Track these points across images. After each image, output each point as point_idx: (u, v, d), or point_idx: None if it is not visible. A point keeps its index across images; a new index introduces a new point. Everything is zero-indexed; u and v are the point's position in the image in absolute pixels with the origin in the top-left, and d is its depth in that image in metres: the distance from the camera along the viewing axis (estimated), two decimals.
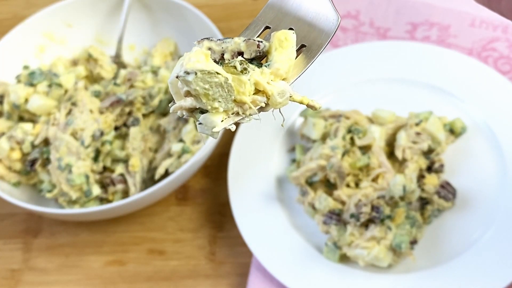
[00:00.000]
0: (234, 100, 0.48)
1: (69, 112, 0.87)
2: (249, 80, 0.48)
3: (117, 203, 0.80)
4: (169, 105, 0.49)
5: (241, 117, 0.50)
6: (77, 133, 0.86)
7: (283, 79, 0.50)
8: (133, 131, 0.88)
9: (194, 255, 0.87)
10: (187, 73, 0.47)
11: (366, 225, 0.80)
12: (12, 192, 0.87)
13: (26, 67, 0.95)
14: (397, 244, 0.78)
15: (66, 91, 0.90)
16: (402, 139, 0.84)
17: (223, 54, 0.49)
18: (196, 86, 0.47)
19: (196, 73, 0.46)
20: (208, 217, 0.90)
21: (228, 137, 0.92)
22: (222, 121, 0.48)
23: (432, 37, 0.97)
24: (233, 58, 0.49)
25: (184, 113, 0.49)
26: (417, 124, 0.85)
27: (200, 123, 0.48)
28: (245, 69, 0.48)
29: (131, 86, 0.90)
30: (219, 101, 0.48)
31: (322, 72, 0.93)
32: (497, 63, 0.94)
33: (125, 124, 0.89)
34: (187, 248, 0.88)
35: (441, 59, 0.93)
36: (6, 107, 0.91)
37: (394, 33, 0.99)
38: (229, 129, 0.49)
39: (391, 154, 0.86)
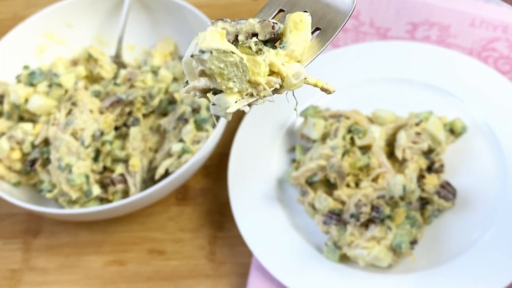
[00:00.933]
0: (249, 81, 0.48)
1: (69, 112, 0.87)
2: (264, 61, 0.48)
3: (117, 203, 0.80)
4: (182, 85, 0.49)
5: (255, 98, 0.49)
6: (77, 133, 0.86)
7: (297, 62, 0.50)
8: (133, 131, 0.88)
9: (194, 255, 0.87)
10: (202, 52, 0.46)
11: (366, 225, 0.80)
12: (12, 192, 0.87)
13: (26, 67, 0.95)
14: (397, 244, 0.78)
15: (66, 91, 0.90)
16: (402, 139, 0.84)
17: (237, 36, 0.49)
18: (211, 65, 0.46)
19: (211, 52, 0.46)
20: (208, 217, 0.90)
21: (228, 137, 0.92)
22: (236, 102, 0.48)
23: (432, 37, 0.97)
24: (247, 40, 0.49)
25: (197, 94, 0.48)
26: (417, 124, 0.85)
27: (213, 104, 0.48)
28: (260, 49, 0.48)
29: (131, 86, 0.90)
30: (233, 81, 0.47)
31: (322, 72, 0.93)
32: (497, 63, 0.94)
33: (125, 124, 0.89)
34: (187, 248, 0.88)
35: (441, 59, 0.93)
36: (6, 107, 0.91)
37: (394, 33, 0.99)
38: (230, 129, 0.49)
39: (391, 154, 0.86)
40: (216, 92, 0.48)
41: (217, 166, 0.93)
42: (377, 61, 0.95)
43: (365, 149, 0.85)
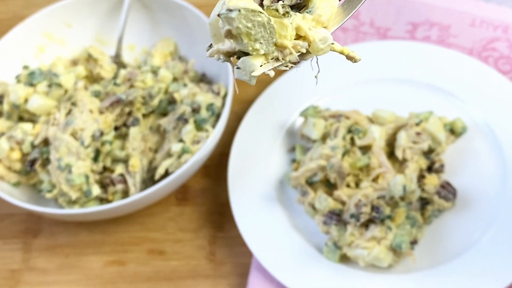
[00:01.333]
0: (275, 44, 0.47)
1: (69, 112, 0.87)
2: (291, 23, 0.47)
3: (117, 203, 0.80)
4: (206, 49, 0.49)
5: (281, 63, 0.48)
6: (77, 133, 0.86)
7: (323, 27, 0.49)
8: (133, 131, 0.88)
9: (194, 255, 0.87)
10: (230, 10, 0.46)
11: (366, 225, 0.80)
12: (12, 192, 0.87)
13: (26, 67, 0.95)
14: (397, 244, 0.78)
15: (66, 91, 0.90)
16: (402, 139, 0.84)
17: (262, 0, 0.48)
18: (239, 23, 0.46)
19: (239, 10, 0.45)
20: (208, 217, 0.90)
21: (228, 137, 0.92)
22: (261, 66, 0.47)
23: (433, 37, 0.97)
24: (272, 4, 0.48)
25: (221, 58, 0.48)
26: (417, 124, 0.85)
27: (238, 68, 0.47)
28: (287, 12, 0.47)
29: (131, 86, 0.90)
30: (260, 43, 0.46)
31: (322, 72, 0.93)
32: (498, 63, 0.94)
33: (125, 124, 0.89)
34: (187, 248, 0.88)
35: (441, 59, 0.93)
36: (6, 107, 0.90)
37: (394, 33, 0.99)
38: (230, 129, 0.49)
39: (391, 154, 0.86)
40: (240, 56, 0.47)
41: (217, 166, 0.93)
42: (377, 61, 0.95)
43: (365, 149, 0.85)
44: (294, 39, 0.48)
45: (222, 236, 0.88)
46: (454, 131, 0.87)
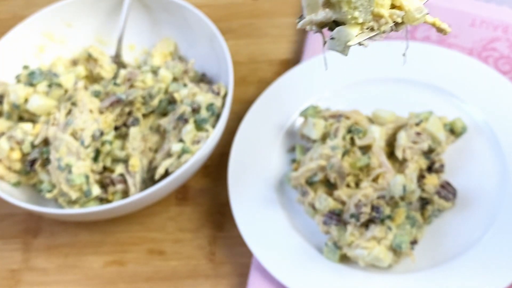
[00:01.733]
0: (372, 13, 0.47)
1: (69, 112, 0.87)
2: None
3: (117, 203, 0.80)
4: (296, 21, 0.48)
5: (375, 33, 0.48)
6: (77, 133, 0.86)
7: None
8: (133, 131, 0.88)
9: (194, 255, 0.87)
10: None
11: (366, 225, 0.80)
12: (12, 192, 0.87)
13: (26, 67, 0.95)
14: (397, 244, 0.78)
15: (66, 91, 0.90)
16: (402, 139, 0.84)
17: None
18: None
19: None
20: (208, 217, 0.90)
21: (228, 137, 0.92)
22: (356, 36, 0.47)
23: (432, 37, 0.97)
24: None
25: (313, 28, 0.48)
26: (417, 124, 0.85)
27: (332, 38, 0.47)
28: None
29: (131, 86, 0.90)
30: (359, 11, 0.46)
31: (322, 72, 0.93)
32: (498, 63, 0.94)
33: (125, 124, 0.89)
34: (187, 248, 0.88)
35: (441, 59, 0.93)
36: (6, 107, 0.90)
37: (394, 33, 0.98)
38: (230, 129, 0.48)
39: (391, 154, 0.86)
40: (332, 28, 0.47)
41: (217, 166, 0.93)
42: (377, 61, 0.95)
43: (365, 149, 0.85)
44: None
45: (222, 236, 0.88)
46: (454, 131, 0.87)
